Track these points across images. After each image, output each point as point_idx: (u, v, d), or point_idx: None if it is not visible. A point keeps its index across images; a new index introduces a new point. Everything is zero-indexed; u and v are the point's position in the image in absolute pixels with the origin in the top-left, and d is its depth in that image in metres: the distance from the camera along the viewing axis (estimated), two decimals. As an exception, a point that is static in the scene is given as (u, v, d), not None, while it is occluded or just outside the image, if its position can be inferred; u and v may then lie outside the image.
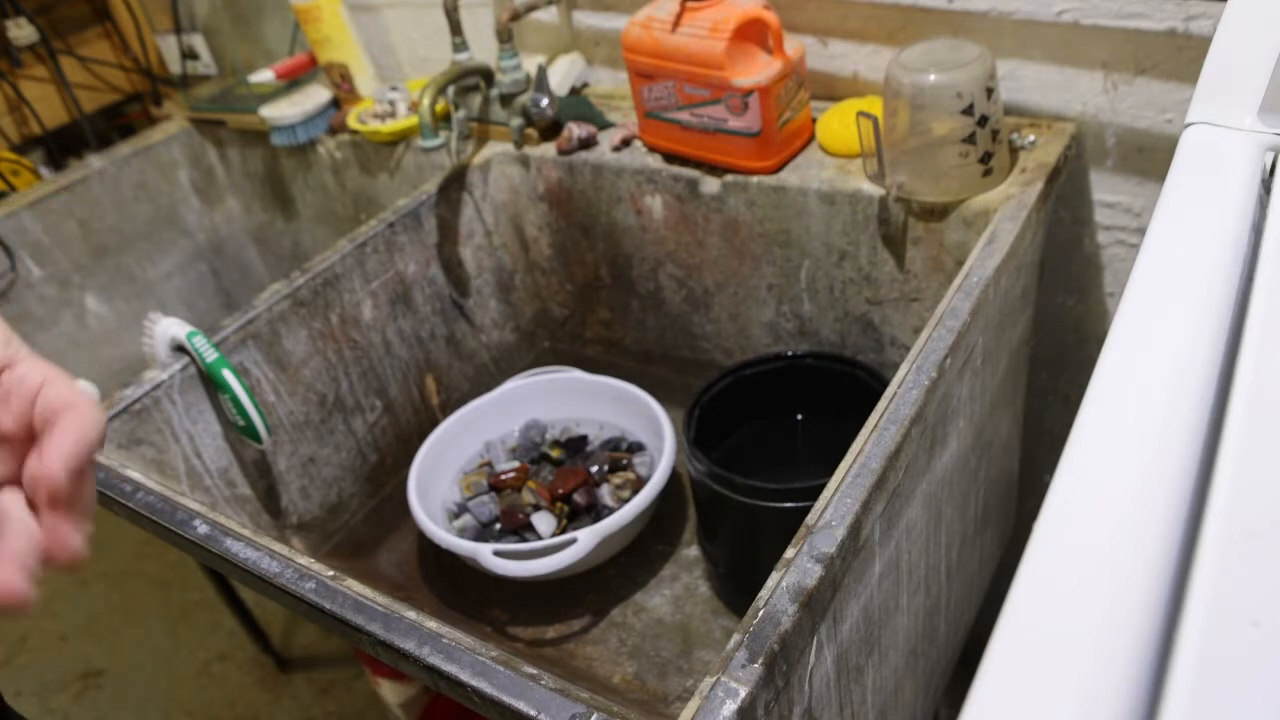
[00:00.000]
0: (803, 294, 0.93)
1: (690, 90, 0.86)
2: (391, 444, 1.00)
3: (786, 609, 0.48)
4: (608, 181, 0.98)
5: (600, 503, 0.87)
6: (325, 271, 0.90)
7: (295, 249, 1.41)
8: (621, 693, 0.75)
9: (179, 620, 1.64)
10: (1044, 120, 0.83)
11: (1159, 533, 0.31)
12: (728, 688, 0.45)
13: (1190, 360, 0.37)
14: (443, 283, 1.03)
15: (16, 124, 1.38)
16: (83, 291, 1.28)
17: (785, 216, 0.88)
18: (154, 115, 1.46)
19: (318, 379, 0.91)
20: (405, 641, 0.53)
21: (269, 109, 1.20)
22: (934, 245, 0.82)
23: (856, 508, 0.52)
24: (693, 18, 0.83)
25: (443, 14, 1.00)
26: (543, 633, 0.82)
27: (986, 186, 0.77)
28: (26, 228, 1.22)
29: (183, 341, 0.80)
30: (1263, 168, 0.48)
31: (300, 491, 0.91)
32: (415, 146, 1.13)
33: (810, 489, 0.68)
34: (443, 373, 1.05)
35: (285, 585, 0.59)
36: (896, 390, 0.59)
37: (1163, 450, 0.34)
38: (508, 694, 0.49)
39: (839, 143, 0.86)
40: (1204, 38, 0.73)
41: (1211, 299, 0.40)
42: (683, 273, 1.00)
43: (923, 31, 0.85)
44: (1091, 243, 0.88)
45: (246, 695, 1.48)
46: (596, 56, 1.09)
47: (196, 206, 1.40)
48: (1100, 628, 0.28)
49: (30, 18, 1.32)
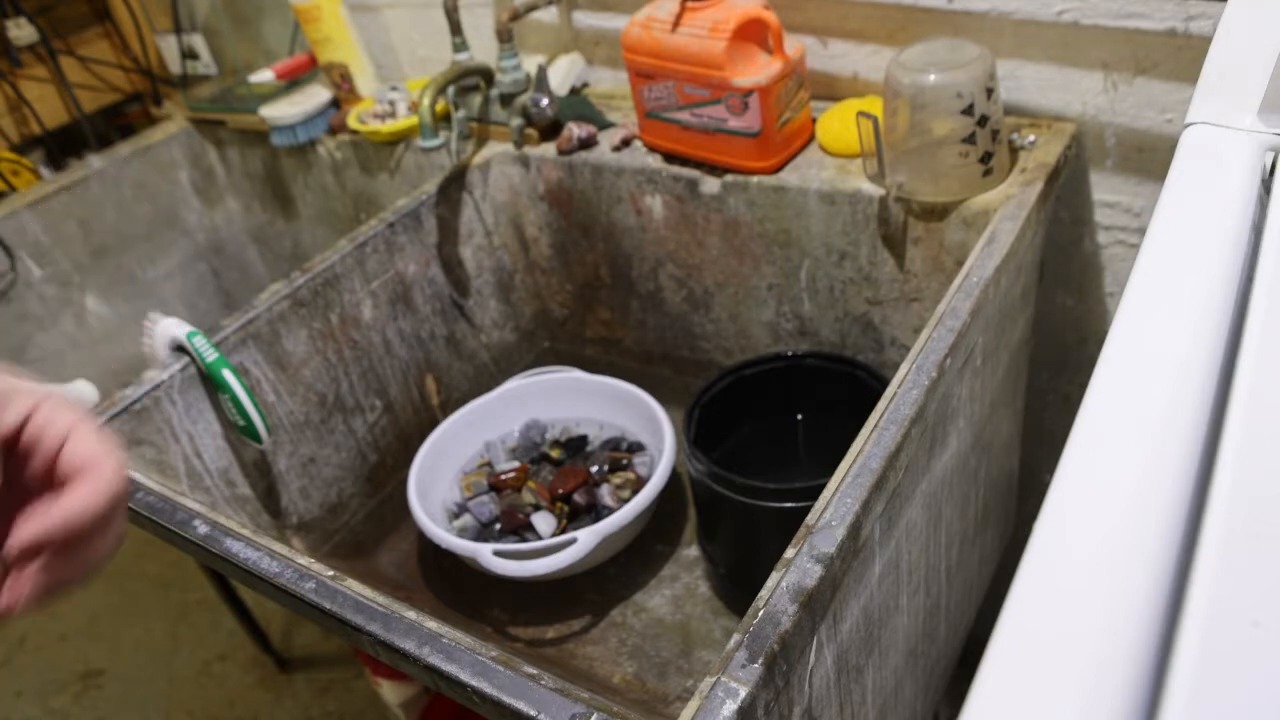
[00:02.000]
0: (803, 294, 0.93)
1: (690, 90, 0.86)
2: (391, 444, 1.00)
3: (786, 609, 0.48)
4: (608, 181, 0.98)
5: (600, 503, 0.87)
6: (325, 271, 0.90)
7: (295, 249, 1.41)
8: (621, 693, 0.75)
9: (179, 620, 1.64)
10: (1044, 120, 0.83)
11: (1159, 533, 0.31)
12: (728, 688, 0.45)
13: (1190, 360, 0.37)
14: (443, 283, 1.03)
15: (16, 124, 1.38)
16: (83, 291, 1.28)
17: (785, 216, 0.88)
18: (154, 115, 1.46)
19: (318, 379, 0.91)
20: (405, 641, 0.53)
21: (269, 109, 1.20)
22: (934, 245, 0.82)
23: (856, 508, 0.52)
24: (693, 18, 0.83)
25: (443, 14, 1.00)
26: (543, 633, 0.82)
27: (986, 186, 0.77)
28: (26, 228, 1.22)
29: (183, 341, 0.79)
30: (1263, 168, 0.48)
31: (300, 491, 0.91)
32: (415, 146, 1.13)
33: (810, 489, 0.68)
34: (443, 373, 1.05)
35: (285, 585, 0.59)
36: (896, 390, 0.59)
37: (1163, 450, 0.34)
38: (508, 694, 0.49)
39: (839, 143, 0.86)
40: (1204, 38, 0.73)
41: (1211, 299, 0.40)
42: (683, 273, 1.00)
43: (923, 31, 0.85)
44: (1091, 243, 0.88)
45: (246, 695, 1.48)
46: (596, 56, 1.09)
47: (196, 206, 1.40)
48: (1100, 628, 0.28)
49: (30, 18, 1.32)
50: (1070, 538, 0.31)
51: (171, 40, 1.34)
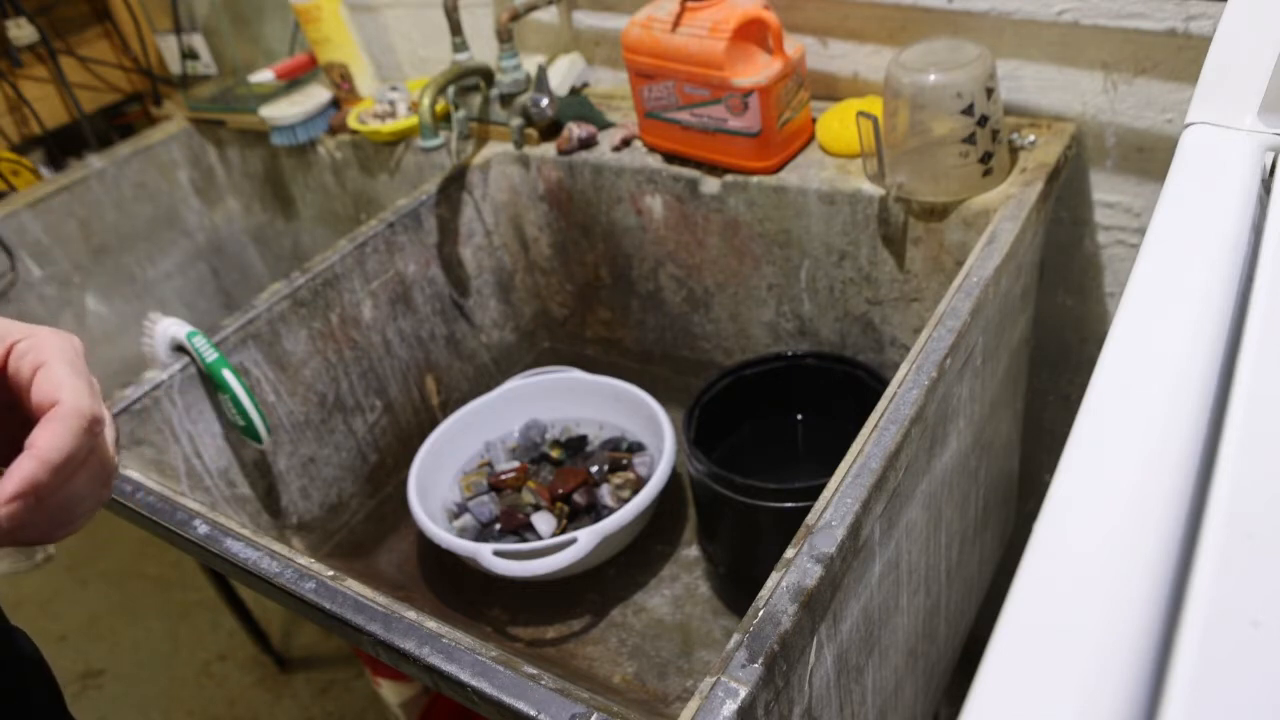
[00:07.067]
0: (803, 294, 0.93)
1: (690, 90, 0.86)
2: (391, 444, 1.00)
3: (786, 609, 0.48)
4: (608, 181, 0.98)
5: (600, 503, 0.87)
6: (325, 271, 0.90)
7: (295, 249, 1.41)
8: (621, 693, 0.75)
9: (179, 620, 1.64)
10: (1044, 120, 0.83)
11: (1159, 533, 0.31)
12: (728, 688, 0.45)
13: (1190, 360, 0.37)
14: (443, 283, 1.03)
15: (16, 124, 1.38)
16: (83, 291, 1.28)
17: (785, 216, 0.88)
18: (154, 115, 1.46)
19: (318, 379, 0.91)
20: (405, 641, 0.53)
21: (269, 109, 1.20)
22: (934, 245, 0.82)
23: (856, 508, 0.52)
24: (693, 18, 0.83)
25: (443, 14, 1.00)
26: (543, 633, 0.82)
27: (986, 186, 0.77)
28: (26, 228, 1.22)
29: (183, 341, 0.80)
30: (1263, 168, 0.48)
31: (300, 491, 0.91)
32: (415, 146, 1.13)
33: (810, 489, 0.68)
34: (443, 373, 1.05)
35: (285, 585, 0.59)
36: (896, 390, 0.59)
37: (1163, 450, 0.34)
38: (508, 694, 0.49)
39: (839, 143, 0.86)
40: (1204, 38, 0.73)
41: (1211, 299, 0.40)
42: (683, 273, 1.00)
43: (923, 31, 0.85)
44: (1091, 243, 0.88)
45: (246, 695, 1.48)
46: (596, 56, 1.09)
47: (196, 206, 1.40)
48: (1100, 628, 0.28)
49: (30, 18, 1.32)
50: (1070, 538, 0.31)
51: (171, 40, 1.34)
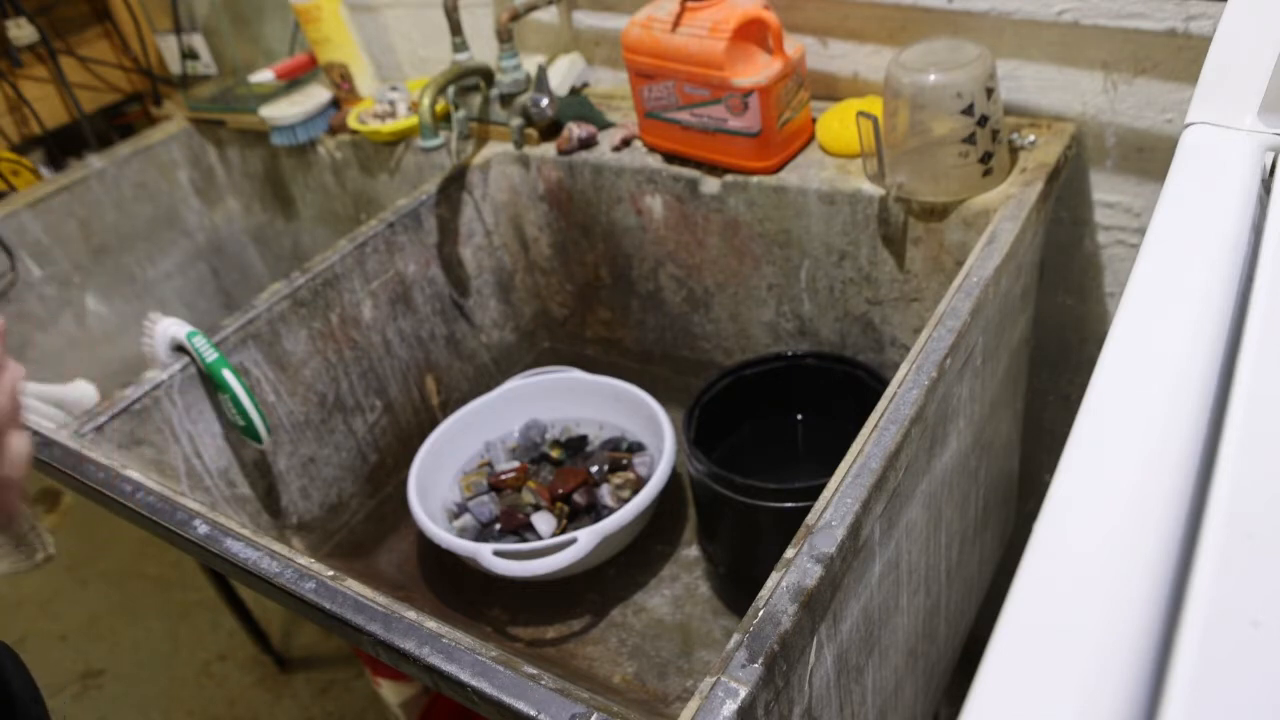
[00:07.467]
0: (803, 294, 0.93)
1: (690, 90, 0.86)
2: (391, 444, 1.00)
3: (786, 609, 0.48)
4: (608, 181, 0.98)
5: (600, 503, 0.87)
6: (325, 271, 0.90)
7: (295, 249, 1.41)
8: (621, 693, 0.75)
9: (179, 620, 1.64)
10: (1044, 120, 0.83)
11: (1159, 533, 0.31)
12: (728, 688, 0.45)
13: (1190, 360, 0.37)
14: (443, 283, 1.03)
15: (16, 124, 1.38)
16: (83, 291, 1.28)
17: (785, 216, 0.88)
18: (154, 115, 1.46)
19: (318, 379, 0.91)
20: (405, 641, 0.53)
21: (269, 109, 1.20)
22: (934, 245, 0.82)
23: (856, 508, 0.52)
24: (693, 18, 0.83)
25: (443, 14, 1.00)
26: (543, 633, 0.82)
27: (986, 186, 0.77)
28: (26, 228, 1.22)
29: (183, 341, 0.79)
30: (1263, 168, 0.48)
31: (300, 491, 0.91)
32: (415, 146, 1.13)
33: (810, 489, 0.68)
34: (443, 373, 1.05)
35: (285, 585, 0.59)
36: (896, 390, 0.59)
37: (1163, 450, 0.34)
38: (508, 694, 0.49)
39: (839, 143, 0.86)
40: (1204, 38, 0.73)
41: (1211, 299, 0.40)
42: (683, 273, 1.00)
43: (923, 31, 0.85)
44: (1091, 243, 0.88)
45: (246, 695, 1.48)
46: (596, 56, 1.09)
47: (196, 206, 1.40)
48: (1100, 628, 0.28)
49: (30, 18, 1.32)
50: (1070, 538, 0.31)
51: (171, 40, 1.34)
